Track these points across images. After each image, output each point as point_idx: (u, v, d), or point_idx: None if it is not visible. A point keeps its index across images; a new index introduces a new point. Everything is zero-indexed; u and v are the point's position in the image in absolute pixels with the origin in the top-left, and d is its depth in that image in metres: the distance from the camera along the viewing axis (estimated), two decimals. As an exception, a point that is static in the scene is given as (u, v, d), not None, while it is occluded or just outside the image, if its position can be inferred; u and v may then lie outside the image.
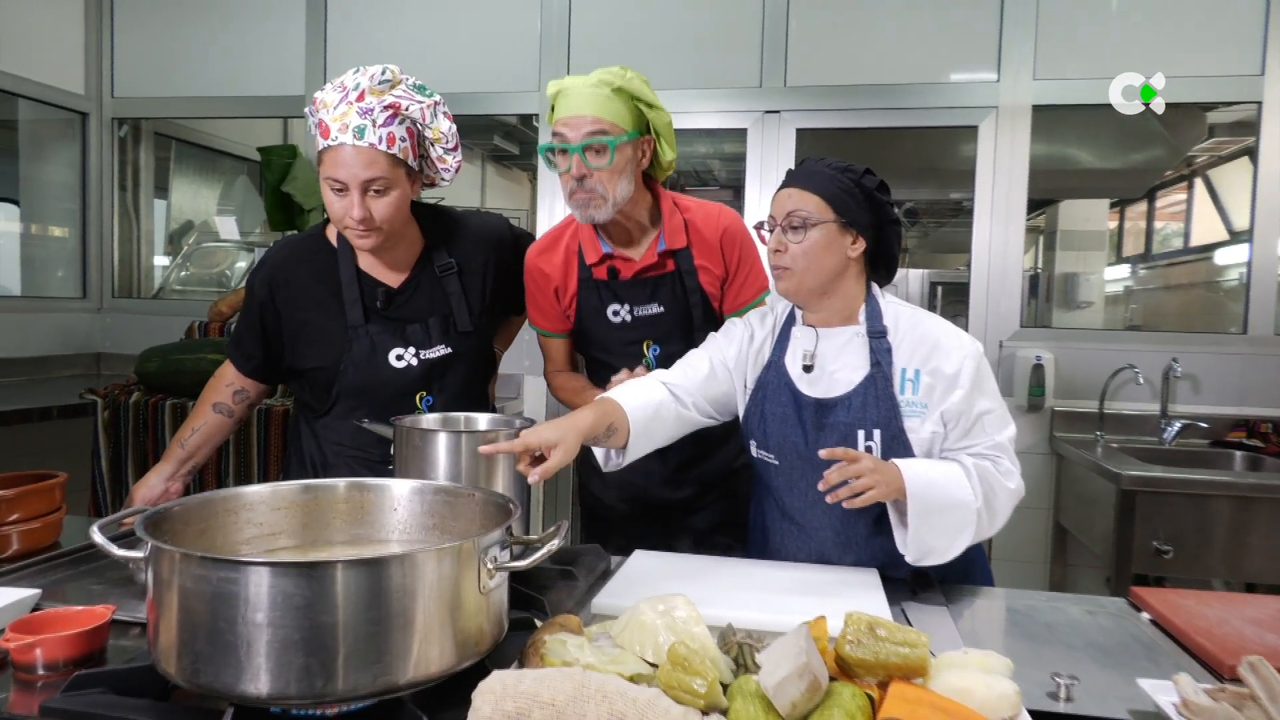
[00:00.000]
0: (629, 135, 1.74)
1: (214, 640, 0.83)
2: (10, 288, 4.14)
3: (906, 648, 0.95)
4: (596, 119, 1.71)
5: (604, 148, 1.71)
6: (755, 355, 1.68)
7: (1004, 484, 1.48)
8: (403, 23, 3.67)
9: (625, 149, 1.75)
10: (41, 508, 1.56)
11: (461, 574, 0.93)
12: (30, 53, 3.64)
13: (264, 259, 1.83)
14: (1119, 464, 2.69)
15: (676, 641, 0.93)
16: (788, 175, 1.60)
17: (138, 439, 2.98)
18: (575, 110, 1.72)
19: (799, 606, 1.30)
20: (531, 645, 1.00)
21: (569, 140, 1.73)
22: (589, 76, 1.75)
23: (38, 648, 1.04)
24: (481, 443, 1.35)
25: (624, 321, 1.90)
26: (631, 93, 1.74)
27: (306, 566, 0.84)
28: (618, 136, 1.72)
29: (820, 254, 1.52)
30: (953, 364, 1.50)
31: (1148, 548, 2.60)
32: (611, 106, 1.72)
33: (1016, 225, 3.26)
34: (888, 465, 1.43)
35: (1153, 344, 3.16)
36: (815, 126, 3.42)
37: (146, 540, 0.88)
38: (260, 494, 1.12)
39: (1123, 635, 1.32)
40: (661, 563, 1.55)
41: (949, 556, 1.46)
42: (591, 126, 1.71)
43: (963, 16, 3.27)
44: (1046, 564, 3.26)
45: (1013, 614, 1.42)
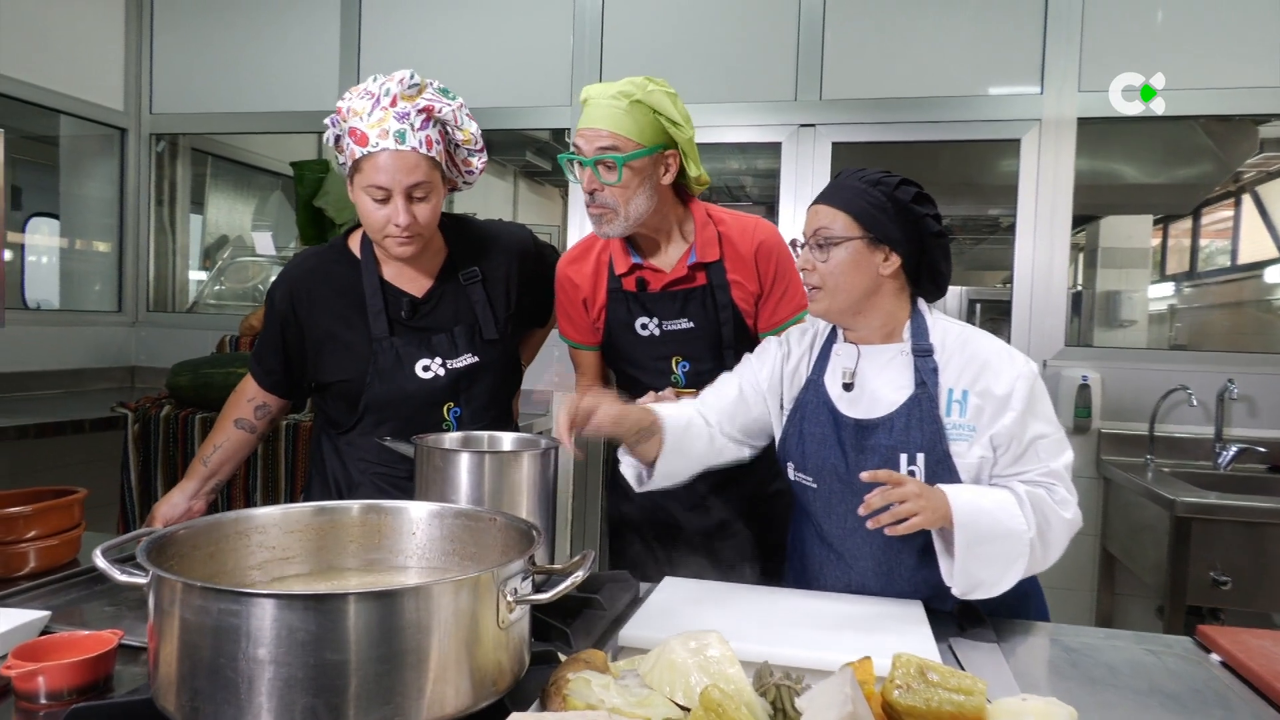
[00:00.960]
0: (646, 151, 1.69)
1: (214, 677, 0.78)
2: (50, 301, 4.19)
3: (961, 695, 0.87)
4: (610, 134, 1.67)
5: (614, 165, 1.67)
6: (792, 374, 1.61)
7: (1059, 514, 1.39)
8: (435, 38, 3.67)
9: (638, 166, 1.69)
10: (60, 524, 1.53)
11: (480, 607, 0.87)
12: (72, 69, 3.70)
13: (284, 272, 1.80)
14: (1172, 489, 2.57)
15: (710, 684, 0.86)
16: (822, 191, 1.53)
17: (167, 453, 2.98)
18: (590, 122, 1.69)
19: (839, 643, 1.22)
20: (553, 684, 0.93)
21: (583, 153, 1.70)
22: (610, 86, 1.70)
23: (40, 675, 0.99)
24: (505, 464, 1.30)
25: (652, 336, 1.84)
26: (651, 106, 1.69)
27: (313, 600, 0.78)
28: (630, 154, 1.67)
29: (848, 273, 1.45)
30: (1004, 385, 1.41)
31: (1204, 578, 2.47)
32: (627, 121, 1.67)
33: (1061, 241, 3.15)
34: (934, 490, 1.35)
35: (1206, 364, 3.03)
36: (851, 140, 3.35)
37: (148, 568, 0.83)
38: (272, 516, 1.07)
39: (1193, 679, 1.22)
40: (692, 591, 1.48)
41: (999, 590, 1.37)
42: (603, 141, 1.67)
43: (1004, 28, 3.19)
44: (1093, 593, 3.13)
45: (1070, 653, 1.32)
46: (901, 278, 1.50)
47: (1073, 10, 3.10)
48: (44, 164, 4.24)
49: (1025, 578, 1.38)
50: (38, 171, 4.55)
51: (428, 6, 3.67)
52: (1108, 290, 4.68)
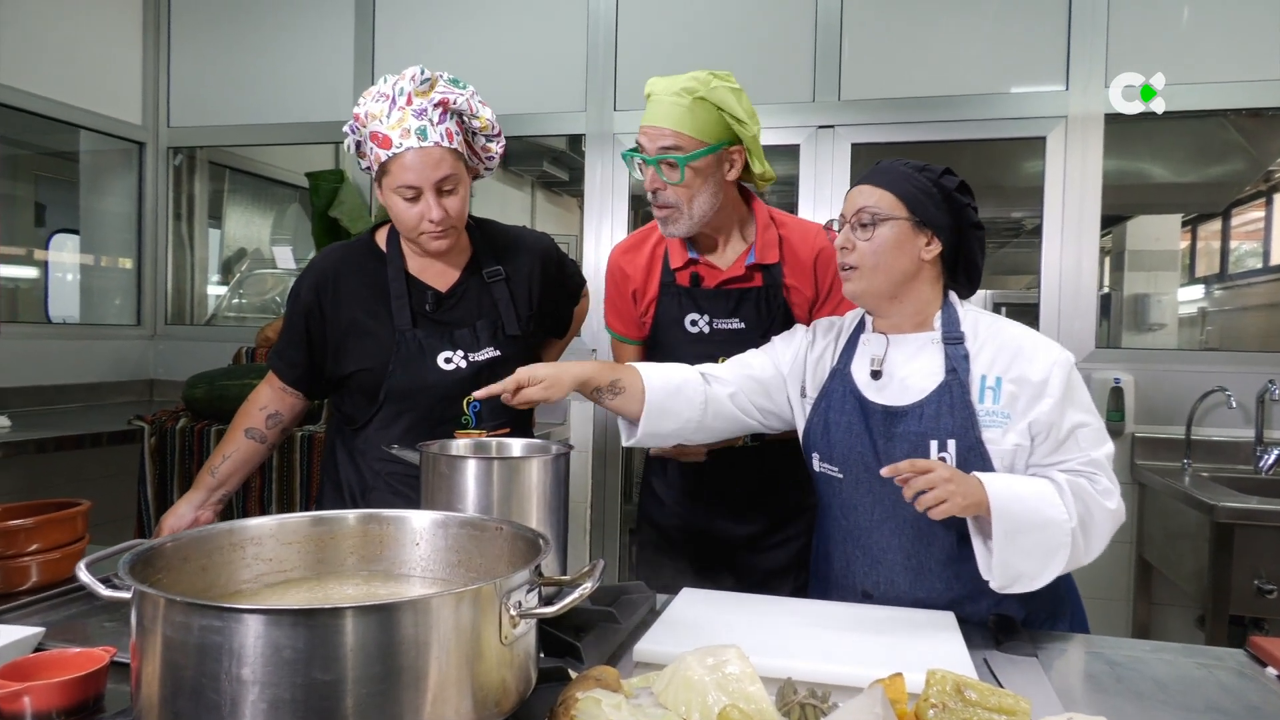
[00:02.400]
0: (708, 150, 1.66)
1: (196, 698, 0.73)
2: (73, 317, 4.21)
3: (1004, 716, 0.81)
4: (673, 133, 1.65)
5: (675, 164, 1.65)
6: (816, 363, 1.57)
7: (1102, 504, 1.33)
8: (449, 47, 3.65)
9: (701, 165, 1.67)
10: (62, 538, 1.49)
11: (481, 622, 0.81)
12: (90, 84, 3.71)
13: (311, 264, 1.82)
14: (1212, 494, 2.47)
15: (729, 704, 0.80)
16: (864, 173, 1.50)
17: (184, 465, 2.96)
18: (653, 120, 1.67)
19: (867, 657, 1.16)
20: (562, 704, 0.87)
21: (645, 150, 1.69)
22: (674, 81, 1.68)
23: (26, 695, 0.94)
24: (514, 470, 1.25)
25: (701, 333, 1.81)
26: (715, 103, 1.66)
27: (300, 615, 0.73)
28: (692, 153, 1.65)
29: (890, 253, 1.41)
30: (1039, 371, 1.36)
31: (1246, 586, 2.37)
32: (690, 118, 1.65)
33: (1089, 241, 3.06)
34: (967, 477, 1.29)
35: (1245, 364, 2.92)
36: (871, 141, 3.28)
37: (128, 581, 0.78)
38: (266, 527, 1.02)
39: (1249, 695, 1.14)
40: (711, 603, 1.41)
41: (1039, 583, 1.31)
42: (665, 140, 1.66)
43: (1026, 23, 3.11)
44: (1130, 603, 3.02)
45: (1114, 667, 1.24)
46: (939, 265, 1.47)
47: (1098, 3, 3.02)
48: (65, 180, 4.27)
49: (1062, 581, 1.31)
50: (60, 188, 4.60)
51: (442, 15, 3.66)
52: (1136, 293, 4.57)
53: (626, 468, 3.62)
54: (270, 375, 1.83)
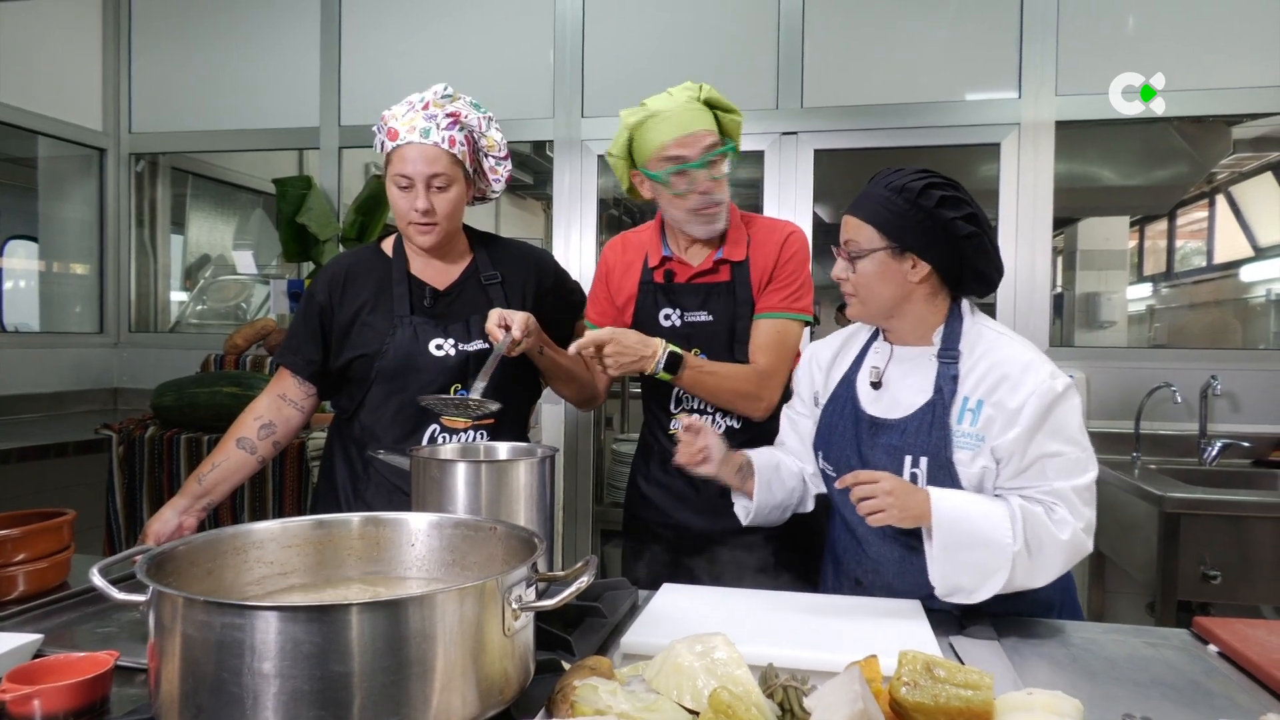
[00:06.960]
0: (732, 144, 1.85)
1: (218, 693, 0.77)
2: (29, 325, 4.14)
3: (969, 690, 0.87)
4: (709, 132, 1.80)
5: (723, 157, 1.80)
6: (829, 367, 1.68)
7: (1054, 534, 1.36)
8: (416, 52, 3.66)
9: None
10: (48, 547, 1.51)
11: (485, 615, 0.86)
12: (50, 90, 3.66)
13: (324, 267, 1.94)
14: (1160, 486, 2.59)
15: (719, 687, 0.86)
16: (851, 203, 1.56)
17: (153, 474, 2.94)
18: (687, 128, 1.77)
19: (841, 643, 1.23)
20: (560, 692, 0.93)
21: (689, 159, 1.78)
22: (677, 94, 1.82)
23: (35, 699, 0.97)
24: (502, 473, 1.30)
25: (674, 326, 1.92)
26: (712, 101, 1.83)
27: (317, 611, 0.77)
28: (728, 143, 1.82)
29: (874, 284, 1.49)
30: (1018, 399, 1.40)
31: (1193, 573, 2.49)
32: (711, 120, 1.82)
33: (1042, 243, 3.18)
34: (914, 490, 1.38)
35: (1189, 361, 3.06)
36: (833, 148, 3.37)
37: (148, 584, 0.82)
38: (270, 531, 1.06)
39: (1192, 670, 1.23)
40: (691, 597, 1.48)
41: (976, 599, 1.38)
42: (709, 140, 1.79)
43: (981, 34, 3.22)
44: (1084, 591, 3.14)
45: (1070, 648, 1.33)
46: (933, 282, 1.50)
47: (1048, 15, 3.14)
48: (22, 186, 4.19)
49: (1007, 593, 1.38)
50: (15, 195, 4.51)
51: (408, 22, 3.67)
52: (1087, 292, 4.72)
53: (598, 470, 3.67)
54: (271, 384, 1.88)
